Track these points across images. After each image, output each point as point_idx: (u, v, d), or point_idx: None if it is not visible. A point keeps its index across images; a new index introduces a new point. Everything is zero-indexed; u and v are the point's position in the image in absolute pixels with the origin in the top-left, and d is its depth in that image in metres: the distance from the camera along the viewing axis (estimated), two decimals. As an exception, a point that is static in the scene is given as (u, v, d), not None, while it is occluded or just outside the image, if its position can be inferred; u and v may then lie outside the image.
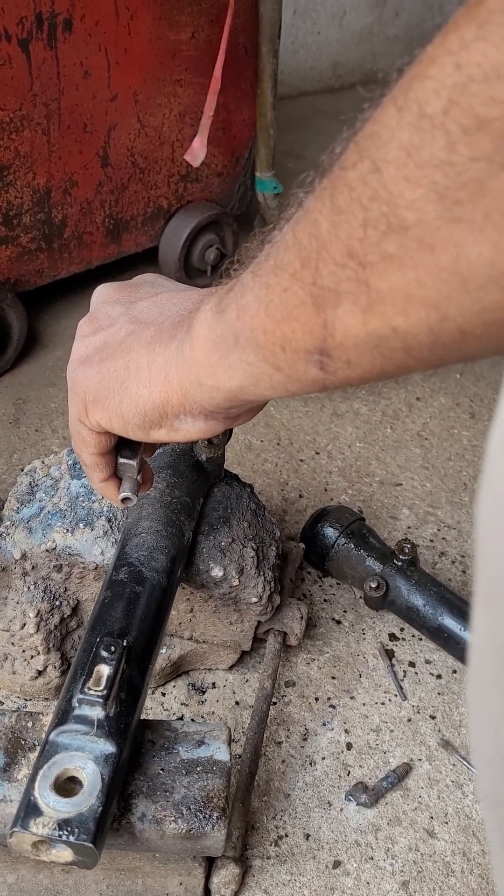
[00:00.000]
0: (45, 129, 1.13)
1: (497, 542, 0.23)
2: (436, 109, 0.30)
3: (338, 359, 0.39)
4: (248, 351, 0.44)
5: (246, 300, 0.43)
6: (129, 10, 1.15)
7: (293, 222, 0.40)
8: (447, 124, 0.29)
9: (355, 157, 0.34)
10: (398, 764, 0.77)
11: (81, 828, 0.50)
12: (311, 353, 0.40)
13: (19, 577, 0.75)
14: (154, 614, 0.63)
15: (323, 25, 2.43)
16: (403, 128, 0.31)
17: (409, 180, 0.31)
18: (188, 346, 0.48)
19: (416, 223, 0.32)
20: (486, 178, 0.29)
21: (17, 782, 0.57)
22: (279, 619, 0.81)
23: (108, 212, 1.28)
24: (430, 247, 0.32)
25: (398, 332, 0.35)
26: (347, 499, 1.07)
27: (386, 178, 0.32)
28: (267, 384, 0.45)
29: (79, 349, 0.57)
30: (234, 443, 1.14)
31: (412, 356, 0.37)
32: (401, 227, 0.32)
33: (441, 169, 0.30)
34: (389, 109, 0.32)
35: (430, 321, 0.34)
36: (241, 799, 0.69)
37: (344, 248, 0.35)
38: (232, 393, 0.47)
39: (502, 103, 0.27)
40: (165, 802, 0.57)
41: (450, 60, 0.29)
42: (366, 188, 0.33)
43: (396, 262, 0.33)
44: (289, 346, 0.41)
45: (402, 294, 0.34)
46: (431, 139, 0.30)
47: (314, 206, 0.38)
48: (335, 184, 0.36)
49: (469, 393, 1.28)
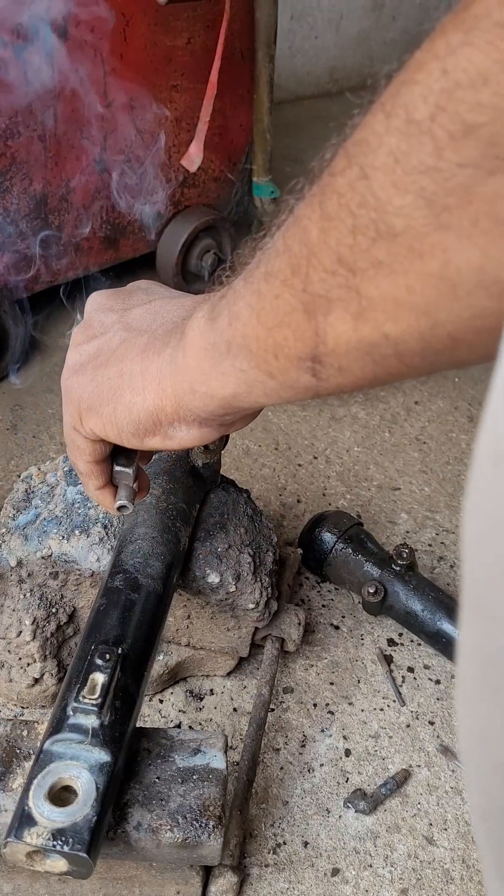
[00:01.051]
0: (41, 135, 1.13)
1: (483, 551, 0.23)
2: (423, 115, 0.30)
3: (330, 365, 0.39)
4: (240, 358, 0.44)
5: (238, 307, 0.43)
6: (124, 16, 1.15)
7: (284, 229, 0.40)
8: (434, 130, 0.29)
9: (344, 164, 0.34)
10: (397, 770, 0.76)
11: (76, 838, 0.49)
12: (304, 360, 0.40)
13: (15, 585, 0.75)
14: (149, 621, 0.63)
15: (320, 30, 2.43)
16: (391, 133, 0.31)
17: (397, 186, 0.31)
18: (181, 354, 0.48)
19: (404, 230, 0.32)
20: (474, 185, 0.29)
21: (11, 792, 0.57)
22: (277, 625, 0.81)
23: (106, 217, 1.28)
24: (418, 253, 0.32)
25: (389, 338, 0.35)
26: (346, 503, 1.07)
27: (374, 185, 0.32)
28: (260, 391, 0.44)
29: (73, 357, 0.57)
30: (232, 447, 1.14)
31: (404, 363, 0.36)
32: (389, 233, 0.32)
33: (428, 175, 0.30)
34: (378, 115, 0.32)
35: (421, 327, 0.34)
36: (238, 806, 0.68)
37: (334, 255, 0.35)
38: (225, 400, 0.47)
39: (489, 109, 0.27)
40: (161, 811, 0.57)
41: (437, 66, 0.29)
42: (354, 194, 0.33)
43: (386, 269, 0.33)
44: (281, 354, 0.41)
45: (393, 300, 0.34)
46: (419, 145, 0.30)
47: (304, 212, 0.37)
48: (324, 190, 0.36)
49: (467, 396, 1.28)
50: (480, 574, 0.23)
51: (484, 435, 0.23)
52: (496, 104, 0.27)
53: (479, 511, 0.23)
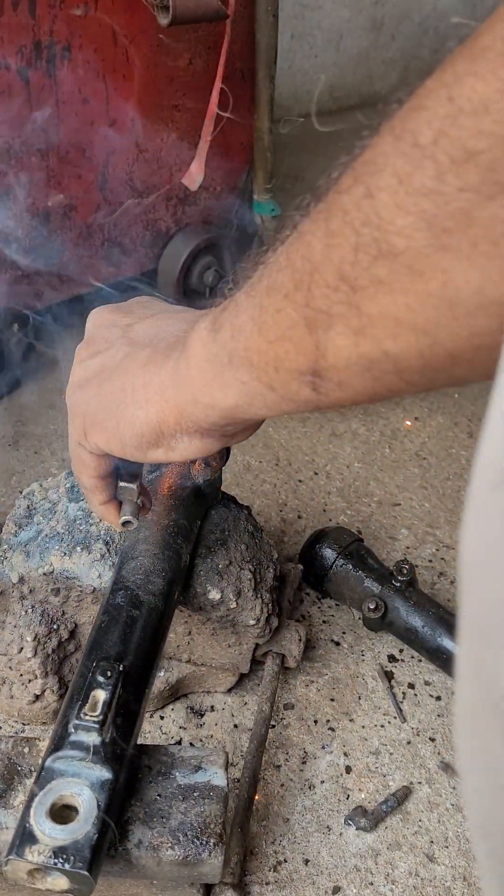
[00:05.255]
0: (44, 154, 1.14)
1: (480, 576, 0.23)
2: (427, 139, 0.30)
3: (330, 380, 0.40)
4: (242, 370, 0.44)
5: (240, 320, 0.44)
6: (127, 37, 1.16)
7: (287, 244, 0.40)
8: (437, 154, 0.30)
9: (350, 182, 0.35)
10: (398, 787, 0.76)
11: (77, 855, 0.49)
12: (304, 373, 0.40)
13: (17, 601, 0.75)
14: (151, 638, 0.63)
15: (320, 49, 2.46)
16: (397, 155, 0.32)
17: (399, 207, 0.32)
18: (184, 365, 0.49)
19: (405, 249, 0.32)
20: (473, 209, 0.29)
21: (13, 809, 0.57)
22: (277, 642, 0.81)
23: (107, 235, 1.29)
24: (419, 273, 0.32)
25: (389, 355, 0.36)
26: (346, 519, 1.07)
27: (378, 204, 0.33)
28: (261, 403, 0.45)
29: (77, 373, 0.58)
30: (233, 463, 1.14)
31: (403, 379, 0.37)
32: (391, 252, 0.33)
33: (430, 197, 0.30)
34: (386, 137, 0.33)
35: (420, 345, 0.34)
36: (239, 824, 0.68)
37: (336, 272, 0.36)
38: (227, 411, 0.47)
39: (489, 136, 0.28)
40: (162, 829, 0.57)
41: (444, 93, 0.30)
42: (359, 213, 0.34)
43: (387, 287, 0.34)
44: (282, 367, 0.41)
45: (393, 318, 0.34)
46: (421, 168, 0.31)
47: (308, 228, 0.38)
48: (330, 207, 0.36)
49: (467, 412, 1.29)
50: (478, 598, 0.23)
51: (481, 459, 0.23)
52: (496, 132, 0.27)
53: (476, 536, 0.23)
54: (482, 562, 0.23)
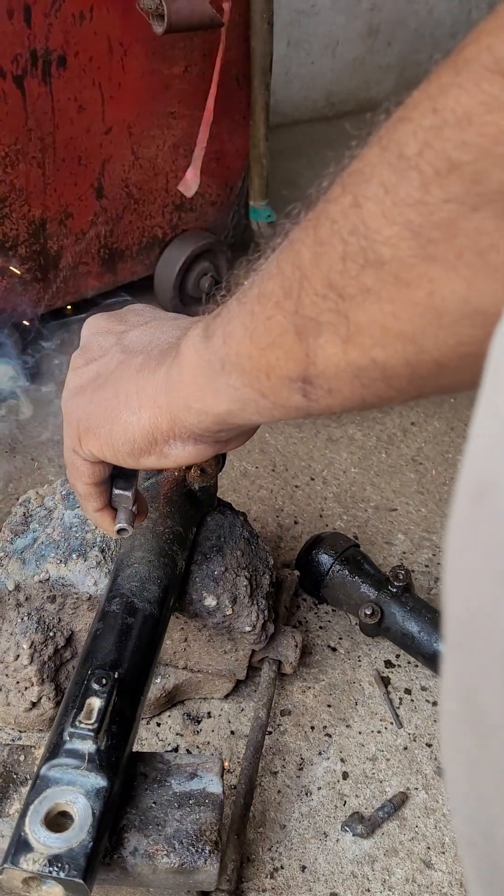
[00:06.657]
0: (40, 162, 1.14)
1: (462, 589, 0.23)
2: (412, 150, 0.30)
3: (320, 387, 0.40)
4: (234, 376, 0.44)
5: (232, 327, 0.44)
6: (122, 45, 1.17)
7: (278, 252, 0.41)
8: (421, 165, 0.30)
9: (339, 191, 0.35)
10: (394, 793, 0.76)
11: (72, 864, 0.49)
12: (295, 380, 0.41)
13: (13, 609, 0.75)
14: (146, 646, 0.63)
15: (316, 56, 2.46)
16: (384, 166, 0.32)
17: (386, 217, 0.32)
18: (176, 371, 0.49)
19: (391, 259, 0.33)
20: (458, 219, 0.29)
21: (8, 817, 0.57)
22: (274, 648, 0.81)
23: (104, 242, 1.29)
24: (405, 282, 0.32)
25: (377, 363, 0.36)
26: (343, 524, 1.07)
27: (365, 214, 0.33)
28: (253, 409, 0.45)
29: (72, 380, 0.58)
30: (229, 469, 1.14)
31: (392, 387, 0.37)
32: (377, 261, 0.33)
33: (415, 208, 0.31)
34: (374, 148, 0.33)
35: (407, 353, 0.34)
36: (236, 831, 0.68)
37: (324, 280, 0.36)
38: (220, 416, 0.48)
39: (472, 147, 0.28)
40: (157, 836, 0.57)
41: (429, 105, 0.30)
42: (346, 222, 0.34)
43: (374, 296, 0.34)
44: (273, 373, 0.42)
45: (380, 326, 0.35)
46: (407, 179, 0.31)
47: (298, 236, 0.38)
48: (319, 216, 0.37)
49: (463, 417, 1.29)
50: (461, 611, 0.23)
51: (464, 470, 0.24)
52: (479, 143, 0.28)
53: (457, 549, 0.24)
54: (464, 573, 0.23)
